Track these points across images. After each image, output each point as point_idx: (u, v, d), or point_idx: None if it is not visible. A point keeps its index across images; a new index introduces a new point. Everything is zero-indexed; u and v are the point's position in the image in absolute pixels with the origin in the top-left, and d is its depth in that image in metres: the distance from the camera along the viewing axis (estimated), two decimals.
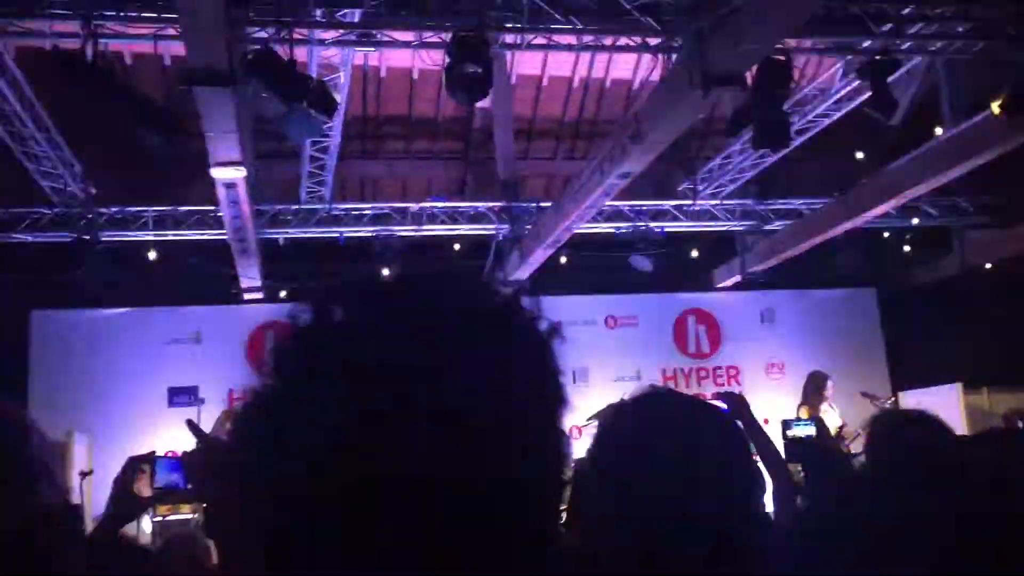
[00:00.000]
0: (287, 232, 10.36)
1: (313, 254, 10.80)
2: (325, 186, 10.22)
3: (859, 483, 2.80)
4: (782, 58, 6.70)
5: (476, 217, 10.86)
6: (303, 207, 10.37)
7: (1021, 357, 10.18)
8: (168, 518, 8.05)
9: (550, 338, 0.80)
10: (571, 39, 7.16)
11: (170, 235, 10.19)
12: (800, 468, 3.98)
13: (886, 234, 11.12)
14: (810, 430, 4.18)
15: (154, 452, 3.02)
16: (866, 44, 7.64)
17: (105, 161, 9.89)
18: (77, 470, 8.62)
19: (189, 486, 2.75)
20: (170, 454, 3.36)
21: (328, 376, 0.72)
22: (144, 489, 2.78)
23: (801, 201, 11.02)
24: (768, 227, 11.12)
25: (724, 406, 3.87)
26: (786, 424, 4.62)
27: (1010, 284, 10.64)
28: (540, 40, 7.11)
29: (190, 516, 7.68)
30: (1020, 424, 7.10)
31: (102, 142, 9.65)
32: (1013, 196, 10.13)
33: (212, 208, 10.04)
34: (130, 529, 7.30)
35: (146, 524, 8.11)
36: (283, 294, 10.65)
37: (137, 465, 2.71)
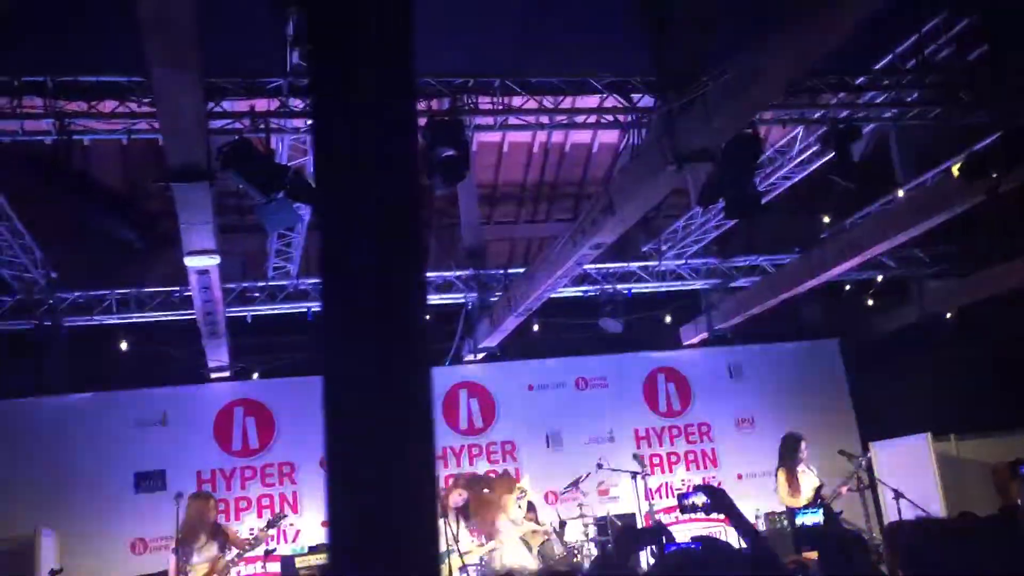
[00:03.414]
0: (254, 309, 10.23)
1: (281, 329, 10.69)
2: (292, 261, 10.14)
3: None
4: (751, 132, 6.85)
5: (443, 286, 10.85)
6: (269, 283, 10.26)
7: (982, 404, 10.41)
8: None
9: None
10: (543, 118, 7.25)
11: (135, 317, 10.00)
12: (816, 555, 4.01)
13: (847, 287, 11.35)
14: (818, 517, 4.21)
15: None
16: (823, 113, 7.89)
17: (65, 247, 9.72)
18: (46, 570, 8.33)
19: None
20: None
21: None
22: None
23: (763, 258, 11.21)
24: (732, 284, 11.29)
25: (705, 499, 3.92)
26: (793, 512, 4.65)
27: (969, 331, 10.91)
28: (513, 120, 7.18)
29: None
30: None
31: (63, 229, 9.51)
32: (969, 246, 10.43)
33: (177, 288, 9.90)
34: None
35: None
36: (256, 375, 10.50)
37: None
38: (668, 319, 12.00)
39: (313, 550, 9.40)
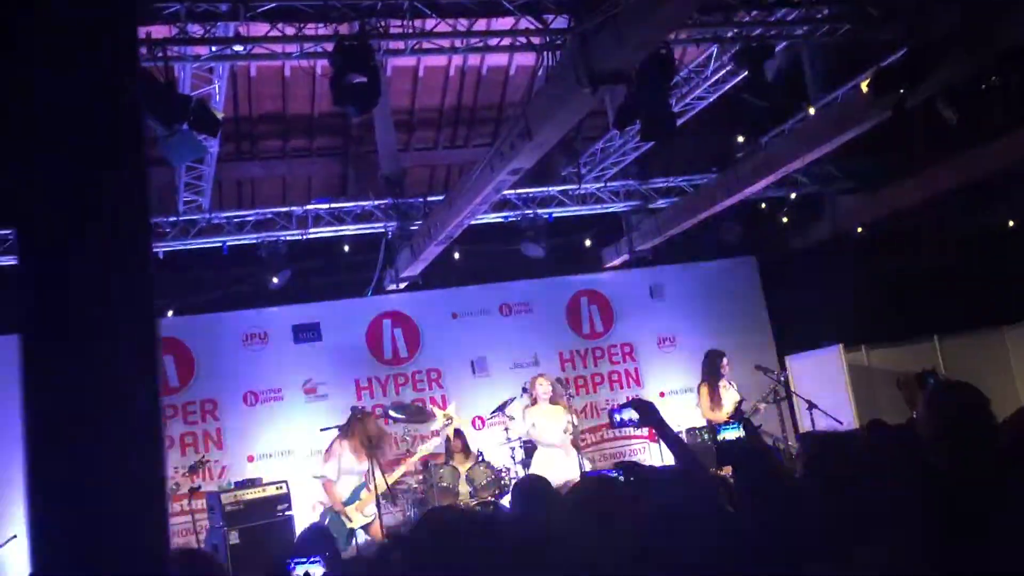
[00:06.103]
0: (166, 245, 9.93)
1: (195, 264, 10.44)
2: (203, 195, 9.85)
3: (799, 494, 2.92)
4: (664, 52, 6.80)
5: (362, 216, 10.68)
6: (181, 219, 9.96)
7: (891, 315, 10.78)
8: None
9: None
10: (455, 42, 7.08)
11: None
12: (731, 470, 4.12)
13: (763, 204, 11.52)
14: (739, 432, 4.33)
15: None
16: (737, 32, 7.87)
17: None
18: None
19: None
20: None
21: None
22: None
23: (682, 178, 11.29)
24: (652, 206, 11.36)
25: (636, 415, 3.99)
26: (715, 429, 4.78)
27: (878, 245, 11.22)
28: (425, 44, 7.00)
29: None
30: (931, 381, 7.37)
31: None
32: (879, 161, 10.64)
33: None
34: None
35: None
36: (170, 313, 10.23)
37: None
38: (589, 242, 12.06)
39: (240, 485, 9.32)
